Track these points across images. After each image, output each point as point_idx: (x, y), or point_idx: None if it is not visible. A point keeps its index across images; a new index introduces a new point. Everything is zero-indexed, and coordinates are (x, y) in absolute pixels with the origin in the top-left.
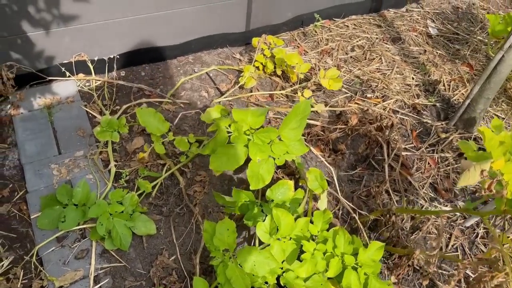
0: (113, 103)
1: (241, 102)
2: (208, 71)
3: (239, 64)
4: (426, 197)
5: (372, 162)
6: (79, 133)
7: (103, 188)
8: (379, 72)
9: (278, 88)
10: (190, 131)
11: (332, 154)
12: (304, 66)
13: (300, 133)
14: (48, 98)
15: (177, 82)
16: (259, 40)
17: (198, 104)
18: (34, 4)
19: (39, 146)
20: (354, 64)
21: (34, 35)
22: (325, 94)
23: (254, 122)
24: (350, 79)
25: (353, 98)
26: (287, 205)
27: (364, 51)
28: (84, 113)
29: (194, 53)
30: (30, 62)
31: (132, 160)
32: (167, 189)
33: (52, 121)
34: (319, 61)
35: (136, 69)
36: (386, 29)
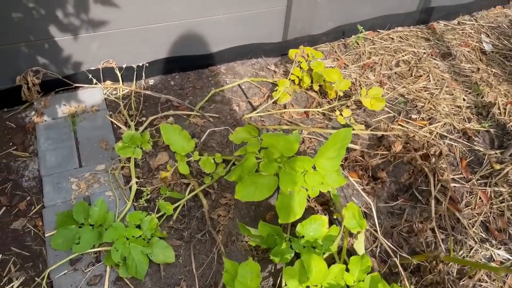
0: (140, 114)
1: (273, 118)
2: (240, 83)
3: (274, 76)
4: (477, 237)
5: (415, 193)
6: (101, 145)
7: (122, 206)
8: (426, 91)
9: (314, 104)
10: (218, 148)
11: (371, 181)
12: (344, 83)
13: (338, 164)
14: (73, 106)
15: (207, 93)
16: (296, 53)
17: (228, 118)
18: (62, 8)
19: (60, 157)
20: (399, 81)
21: (61, 40)
22: (365, 112)
23: (287, 149)
24: (394, 97)
25: (396, 119)
26: (319, 242)
27: (410, 67)
28: (108, 124)
29: (227, 63)
30: (57, 67)
31: (155, 177)
32: (189, 211)
33: (76, 130)
34: (360, 76)
35: (166, 78)
36: (435, 43)
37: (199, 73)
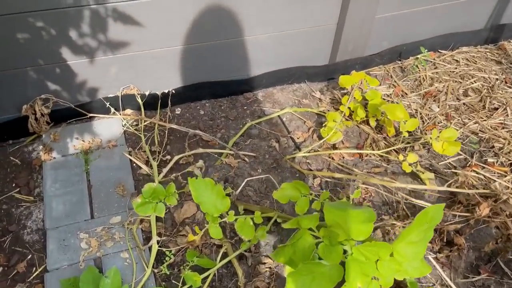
0: (164, 150)
1: (321, 160)
2: (280, 114)
3: (319, 105)
4: None
5: (501, 264)
6: (118, 190)
7: (140, 273)
8: (504, 129)
9: (368, 141)
10: (255, 197)
11: (444, 247)
12: (411, 123)
13: (424, 249)
14: (87, 140)
15: (241, 126)
16: (353, 85)
17: (267, 158)
18: (76, 27)
19: (69, 205)
20: (469, 115)
21: (75, 63)
22: (430, 153)
23: (356, 231)
24: (464, 135)
25: (469, 162)
26: None
27: (481, 97)
28: (127, 163)
29: (265, 89)
30: (69, 95)
31: (180, 234)
32: (220, 281)
33: (88, 171)
34: (422, 107)
35: (195, 105)
36: (508, 67)
37: (232, 100)
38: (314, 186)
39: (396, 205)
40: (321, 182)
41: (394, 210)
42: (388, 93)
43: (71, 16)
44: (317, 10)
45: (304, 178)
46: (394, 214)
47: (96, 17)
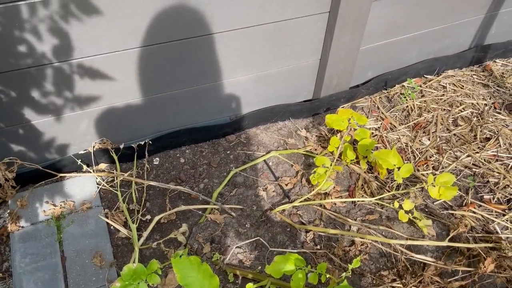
0: (143, 208)
1: (312, 210)
2: (266, 158)
3: (305, 144)
4: None
5: None
6: (95, 261)
7: None
8: (497, 161)
9: (359, 182)
10: (246, 261)
11: None
12: (406, 170)
13: None
14: (58, 203)
15: (225, 173)
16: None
17: (254, 209)
18: (39, 87)
19: (41, 284)
20: (461, 147)
21: (40, 122)
22: (424, 191)
23: None
24: (458, 169)
25: (464, 200)
26: None
27: (471, 126)
28: (103, 226)
29: (248, 129)
30: (36, 154)
31: None
32: None
33: (61, 240)
34: (412, 140)
35: (174, 153)
36: (495, 90)
37: (214, 144)
38: (307, 241)
39: (394, 257)
40: (314, 237)
41: (393, 264)
42: (376, 127)
43: (32, 76)
44: (299, 47)
45: (296, 233)
46: (393, 268)
47: (59, 74)
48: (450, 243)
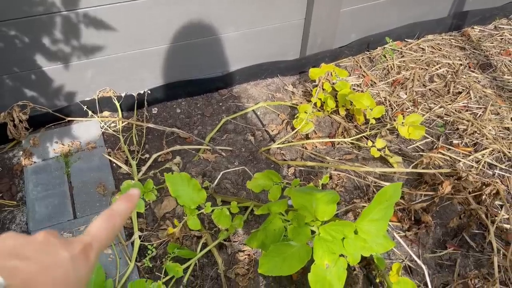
0: (142, 149)
1: (294, 151)
2: (255, 108)
3: (292, 98)
4: None
5: (466, 238)
6: (99, 189)
7: (123, 267)
8: (467, 111)
9: (340, 130)
10: (232, 189)
11: (413, 225)
12: (377, 110)
13: (385, 226)
14: (66, 143)
15: (217, 121)
16: (320, 77)
17: (243, 151)
18: (49, 34)
19: (51, 207)
20: (435, 100)
21: (51, 69)
22: (399, 138)
23: (322, 212)
24: (430, 119)
25: (436, 145)
26: None
27: (446, 82)
28: (106, 163)
29: (239, 85)
30: (47, 100)
31: (161, 228)
32: (202, 270)
33: (69, 173)
34: (390, 95)
35: (171, 104)
36: (471, 52)
37: (208, 97)
38: (288, 175)
39: (366, 189)
40: (295, 171)
41: (365, 193)
42: (358, 83)
43: (43, 23)
44: (284, 6)
45: (279, 169)
46: (365, 197)
47: (67, 23)
48: (414, 170)
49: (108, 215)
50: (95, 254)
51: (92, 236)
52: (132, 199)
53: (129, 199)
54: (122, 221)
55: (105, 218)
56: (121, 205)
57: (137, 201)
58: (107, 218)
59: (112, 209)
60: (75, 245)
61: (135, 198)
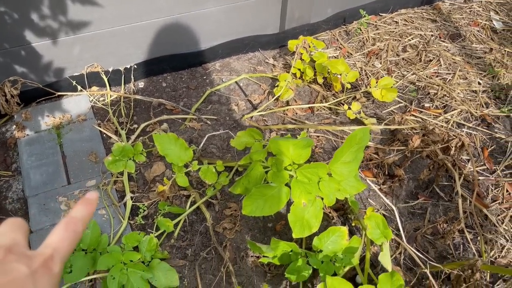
0: (131, 121)
1: (276, 117)
2: (237, 80)
3: (273, 70)
4: (508, 235)
5: (437, 189)
6: (91, 158)
7: (117, 225)
8: (438, 77)
9: (318, 98)
10: (218, 153)
11: (387, 180)
12: (352, 75)
13: (356, 168)
14: (58, 116)
15: (202, 94)
16: (297, 45)
17: (227, 119)
18: (37, 11)
19: (46, 175)
20: (408, 68)
21: (39, 45)
22: (374, 104)
23: (298, 155)
24: (404, 85)
25: (409, 108)
26: (340, 256)
27: (418, 52)
28: (97, 134)
29: (222, 59)
30: (37, 76)
31: (152, 190)
32: (191, 226)
33: (61, 144)
34: (366, 64)
35: (157, 79)
36: (442, 24)
37: (192, 72)
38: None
39: None
40: (277, 135)
41: None
42: (335, 55)
43: None
44: None
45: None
46: None
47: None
48: (386, 126)
49: (66, 223)
50: (58, 266)
51: (52, 247)
52: (90, 202)
53: (87, 202)
54: (84, 226)
55: (63, 227)
56: (79, 210)
57: (95, 204)
58: (66, 226)
59: (70, 216)
60: (36, 259)
61: (93, 201)
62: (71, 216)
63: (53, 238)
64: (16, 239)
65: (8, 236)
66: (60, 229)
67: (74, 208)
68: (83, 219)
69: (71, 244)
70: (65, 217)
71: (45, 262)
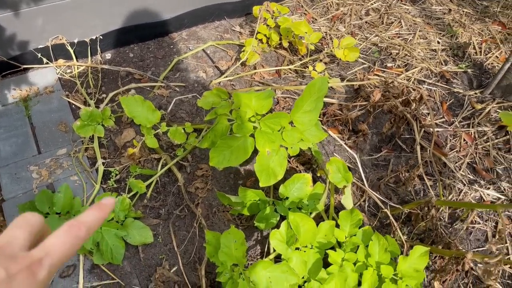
0: (99, 91)
1: (244, 81)
2: (204, 47)
3: (240, 38)
4: (464, 179)
5: (399, 142)
6: (60, 127)
7: (90, 190)
8: (399, 38)
9: (285, 63)
10: (188, 118)
11: (352, 135)
12: (314, 36)
13: (316, 117)
14: (24, 89)
15: (170, 62)
16: (260, 8)
17: (196, 86)
18: None
19: (15, 146)
20: (370, 30)
21: (1, 17)
22: (339, 66)
23: (260, 106)
24: (367, 47)
25: (372, 69)
26: (305, 202)
27: (380, 15)
28: (65, 104)
29: (188, 28)
30: (1, 49)
31: (123, 156)
32: (164, 187)
33: (30, 115)
34: (330, 29)
35: (124, 50)
36: None
37: (159, 41)
38: None
39: None
40: None
41: None
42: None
43: None
44: None
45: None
46: None
47: None
48: (348, 82)
49: (70, 226)
50: (45, 272)
51: (46, 251)
52: (105, 209)
53: (101, 208)
54: (89, 233)
55: (66, 230)
56: (91, 215)
57: (110, 211)
58: (69, 229)
59: (77, 219)
60: (20, 261)
61: (108, 208)
62: (77, 220)
63: (51, 241)
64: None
65: (7, 233)
66: (61, 232)
67: (86, 212)
68: (90, 225)
69: (69, 250)
70: (71, 219)
71: (29, 267)
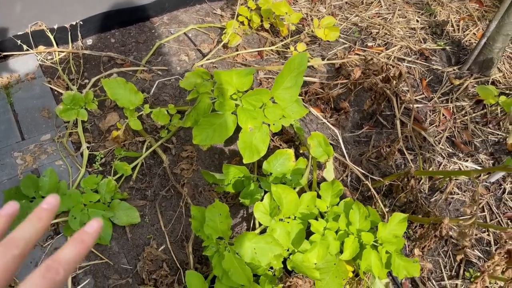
0: (81, 77)
1: (226, 64)
2: (186, 31)
3: (221, 21)
4: (444, 153)
5: (380, 119)
6: (43, 113)
7: (75, 174)
8: (379, 17)
9: (267, 44)
10: (171, 101)
11: (334, 113)
12: (295, 16)
13: (297, 93)
14: (5, 76)
15: (152, 46)
16: None
17: (178, 69)
18: None
19: None
20: (351, 11)
21: None
22: (320, 46)
23: (241, 83)
24: (348, 27)
25: (353, 48)
26: (288, 177)
27: None
28: (48, 91)
29: (169, 13)
30: None
31: (107, 139)
32: (149, 169)
33: (12, 102)
34: (311, 10)
35: (105, 35)
36: None
37: (140, 26)
38: None
39: None
40: None
41: None
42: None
43: None
44: None
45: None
46: None
47: None
48: (329, 61)
49: (47, 269)
50: None
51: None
52: (87, 240)
53: (84, 239)
54: (69, 273)
55: (41, 275)
56: (68, 252)
57: (94, 240)
58: (45, 274)
59: (55, 259)
60: None
61: (91, 236)
62: (55, 260)
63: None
64: None
65: None
66: (36, 277)
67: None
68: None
69: None
70: (49, 259)
71: None
